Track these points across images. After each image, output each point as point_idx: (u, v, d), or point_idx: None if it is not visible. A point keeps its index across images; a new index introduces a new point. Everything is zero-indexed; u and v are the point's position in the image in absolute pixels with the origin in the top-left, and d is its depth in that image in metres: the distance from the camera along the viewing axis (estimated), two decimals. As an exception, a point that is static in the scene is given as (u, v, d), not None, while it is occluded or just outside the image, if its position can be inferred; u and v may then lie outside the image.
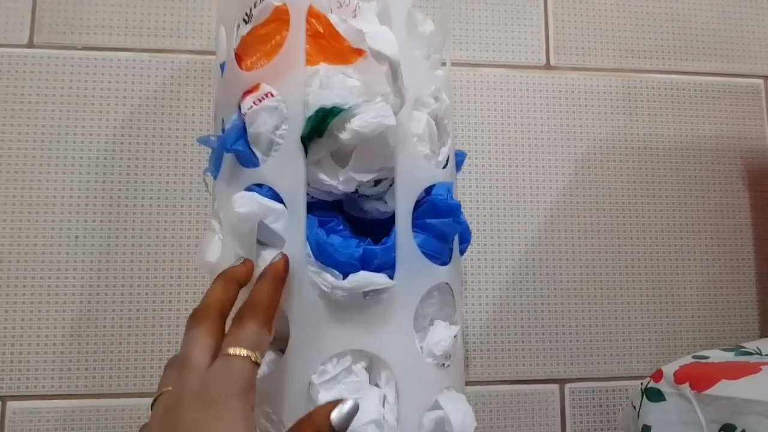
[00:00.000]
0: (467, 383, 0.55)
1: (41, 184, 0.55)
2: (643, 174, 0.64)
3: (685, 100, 0.66)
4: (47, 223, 0.55)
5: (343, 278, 0.40)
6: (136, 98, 0.57)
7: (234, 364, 0.33)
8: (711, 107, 0.66)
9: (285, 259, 0.39)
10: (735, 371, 0.45)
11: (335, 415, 0.33)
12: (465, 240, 0.50)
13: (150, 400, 0.53)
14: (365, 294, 0.41)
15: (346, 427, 0.34)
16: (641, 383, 0.53)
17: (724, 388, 0.44)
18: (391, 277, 0.41)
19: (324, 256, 0.40)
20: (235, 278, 0.39)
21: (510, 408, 0.58)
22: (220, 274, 0.39)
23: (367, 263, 0.40)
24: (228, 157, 0.45)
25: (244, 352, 0.33)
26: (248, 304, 0.36)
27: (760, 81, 0.67)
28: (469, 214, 0.59)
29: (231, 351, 0.33)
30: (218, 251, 0.45)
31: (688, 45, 0.67)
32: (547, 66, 0.64)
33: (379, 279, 0.40)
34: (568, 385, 0.60)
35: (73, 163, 0.56)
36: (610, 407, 0.60)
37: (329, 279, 0.40)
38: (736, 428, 0.43)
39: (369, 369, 0.41)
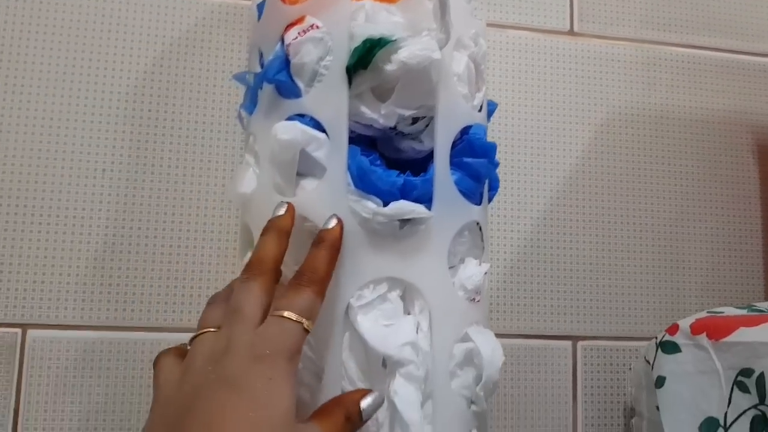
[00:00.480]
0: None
1: (69, 115, 0.55)
2: (658, 142, 0.65)
3: (701, 74, 0.67)
4: (74, 155, 0.55)
5: (384, 206, 0.41)
6: (168, 36, 0.58)
7: (287, 327, 0.33)
8: (726, 83, 0.68)
9: (340, 226, 0.39)
10: (753, 320, 0.47)
11: (365, 403, 0.35)
12: (493, 188, 0.51)
13: (173, 335, 0.54)
14: (402, 225, 0.42)
15: (371, 417, 0.35)
16: (656, 337, 0.54)
17: (742, 334, 0.46)
18: (429, 210, 0.41)
19: (365, 184, 0.41)
20: (284, 230, 0.39)
21: (523, 361, 0.60)
22: (269, 226, 0.39)
23: (407, 193, 0.41)
24: (266, 91, 0.45)
25: (297, 317, 0.33)
26: (307, 270, 0.36)
27: (774, 60, 0.69)
28: (491, 171, 0.60)
29: (286, 314, 0.33)
30: (253, 183, 0.46)
31: (707, 21, 0.68)
32: (571, 32, 0.65)
33: (419, 208, 0.40)
34: (580, 343, 0.61)
35: (102, 96, 0.56)
36: (620, 365, 0.61)
37: (370, 206, 0.40)
38: (753, 371, 0.44)
39: (403, 298, 0.42)
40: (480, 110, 0.47)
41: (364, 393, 0.36)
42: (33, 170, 0.54)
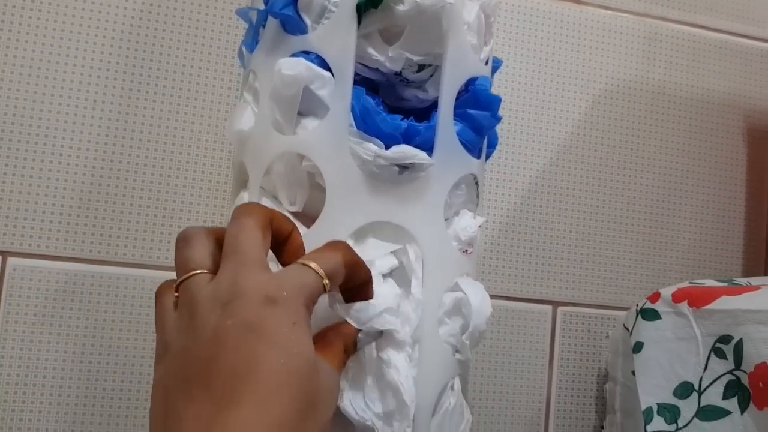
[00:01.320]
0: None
1: (63, 42, 0.54)
2: (653, 118, 0.66)
3: (701, 54, 0.68)
4: (65, 83, 0.53)
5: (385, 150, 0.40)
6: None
7: (309, 275, 0.30)
8: (724, 64, 0.68)
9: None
10: (735, 291, 0.48)
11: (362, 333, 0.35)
12: (492, 145, 0.50)
13: (156, 273, 0.54)
14: (401, 171, 0.41)
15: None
16: (636, 305, 0.55)
17: (724, 302, 0.47)
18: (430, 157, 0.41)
19: (368, 126, 0.40)
20: (288, 219, 0.35)
21: (503, 323, 0.60)
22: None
23: (409, 139, 0.41)
24: (271, 26, 0.44)
25: (318, 269, 0.30)
26: (342, 243, 0.34)
27: (771, 46, 0.70)
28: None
29: (310, 263, 0.30)
30: (251, 121, 0.45)
31: (710, 1, 0.68)
32: (577, 0, 0.65)
33: (421, 154, 0.40)
34: (560, 308, 0.62)
35: (98, 25, 0.54)
36: (598, 333, 0.62)
37: (372, 148, 0.40)
38: (732, 338, 0.45)
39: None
40: (486, 64, 0.47)
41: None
42: (21, 96, 0.53)
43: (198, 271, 0.30)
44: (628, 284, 0.64)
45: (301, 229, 0.42)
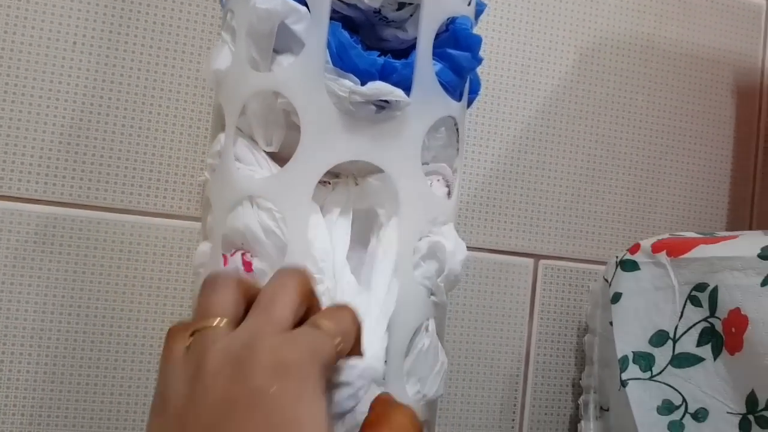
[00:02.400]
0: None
1: (40, -18, 0.53)
2: (642, 72, 0.65)
3: (691, 7, 0.67)
4: (45, 24, 0.53)
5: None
6: None
7: (323, 339, 0.28)
8: (715, 19, 0.68)
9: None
10: (713, 240, 0.48)
11: None
12: (474, 90, 0.50)
13: (136, 218, 0.53)
14: (378, 110, 0.41)
15: None
16: (616, 257, 0.55)
17: (701, 251, 0.47)
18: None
19: (344, 62, 0.40)
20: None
21: (485, 275, 0.60)
22: None
23: (386, 76, 0.40)
24: (249, -36, 0.43)
25: (333, 331, 0.28)
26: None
27: (763, 2, 0.69)
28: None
29: (323, 324, 0.28)
30: (228, 60, 0.45)
31: (703, -47, 0.67)
32: (566, -49, 0.64)
33: (398, 91, 0.40)
34: (542, 261, 0.62)
35: (76, -35, 0.53)
36: (579, 287, 0.63)
37: (347, 84, 0.39)
38: (708, 286, 0.45)
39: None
40: (469, 5, 0.46)
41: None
42: (0, 38, 0.52)
43: (218, 321, 0.28)
44: (612, 239, 0.64)
45: (275, 168, 0.42)
